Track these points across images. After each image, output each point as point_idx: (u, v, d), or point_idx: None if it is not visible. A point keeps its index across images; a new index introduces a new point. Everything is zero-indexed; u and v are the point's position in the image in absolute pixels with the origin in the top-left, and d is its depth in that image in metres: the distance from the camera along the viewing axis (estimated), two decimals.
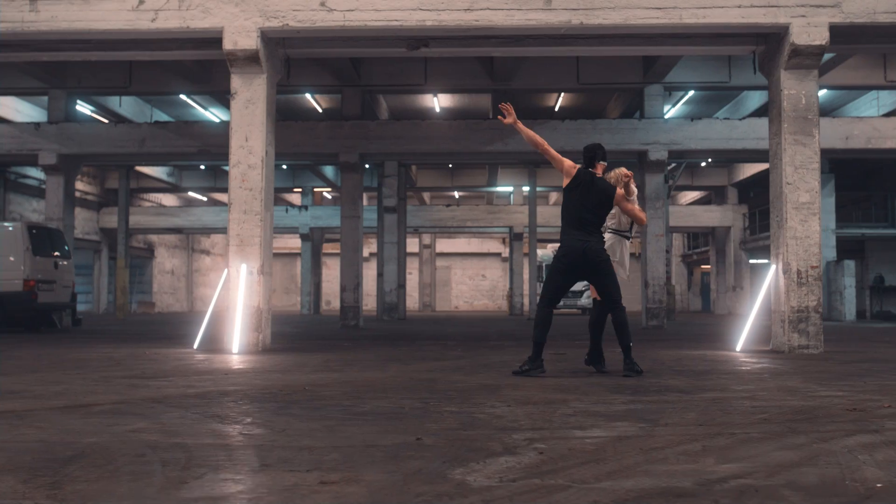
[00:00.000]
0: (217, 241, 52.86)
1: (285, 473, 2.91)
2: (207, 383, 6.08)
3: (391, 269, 26.83)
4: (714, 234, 37.12)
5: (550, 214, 36.49)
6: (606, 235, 7.23)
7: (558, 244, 6.95)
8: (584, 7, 9.42)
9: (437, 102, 23.04)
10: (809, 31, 9.35)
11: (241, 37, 9.60)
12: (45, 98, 20.94)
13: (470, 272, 53.95)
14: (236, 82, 9.91)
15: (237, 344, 9.44)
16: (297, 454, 3.28)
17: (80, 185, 33.96)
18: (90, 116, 22.70)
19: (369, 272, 42.01)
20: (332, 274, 48.11)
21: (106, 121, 22.34)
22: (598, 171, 6.86)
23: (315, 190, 38.20)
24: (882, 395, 5.35)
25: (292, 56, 10.71)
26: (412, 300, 51.04)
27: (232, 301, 9.65)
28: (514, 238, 36.04)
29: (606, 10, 9.42)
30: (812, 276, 9.52)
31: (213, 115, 23.73)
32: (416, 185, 34.90)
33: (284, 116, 24.94)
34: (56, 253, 16.62)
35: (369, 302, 44.12)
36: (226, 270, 9.89)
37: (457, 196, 45.93)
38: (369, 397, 5.23)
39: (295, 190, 37.53)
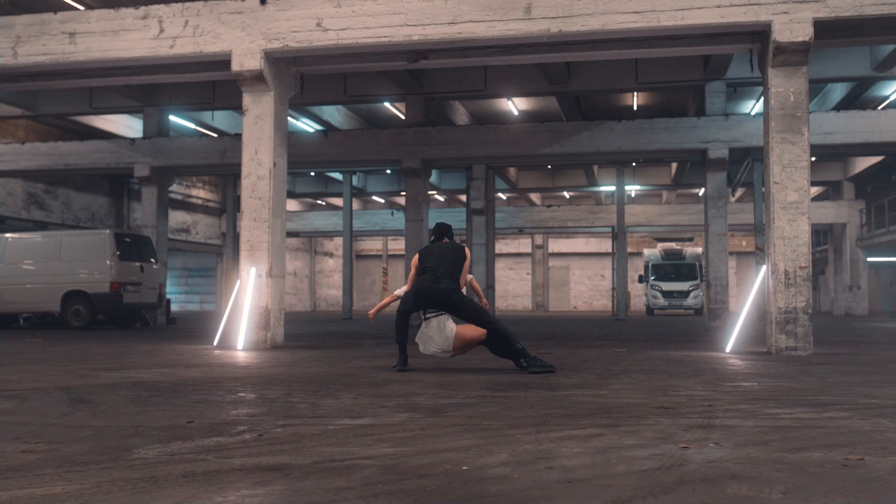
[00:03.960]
0: (340, 244, 55.06)
1: (15, 444, 3.54)
2: (154, 375, 6.85)
3: (479, 269, 27.25)
4: (831, 232, 35.39)
5: (653, 213, 35.91)
6: None
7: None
8: (563, 15, 9.65)
9: (514, 106, 23.37)
10: (792, 28, 9.18)
11: (246, 58, 10.43)
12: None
13: (589, 272, 53.63)
14: (246, 100, 10.75)
15: (242, 341, 10.26)
16: (59, 430, 3.91)
17: (202, 193, 36.43)
18: (193, 130, 24.48)
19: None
20: None
21: (214, 134, 24.05)
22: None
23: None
24: (740, 394, 5.43)
25: (305, 73, 11.44)
26: (525, 301, 51.33)
27: (241, 302, 10.49)
28: (616, 237, 35.66)
29: (584, 17, 9.60)
30: (800, 277, 9.34)
31: (305, 125, 25.01)
32: (517, 186, 35.29)
33: (372, 125, 25.97)
34: (150, 258, 18.24)
35: None
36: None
37: (567, 196, 45.83)
38: (254, 388, 5.81)
39: (402, 193, 38.65)
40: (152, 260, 18.43)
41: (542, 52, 10.64)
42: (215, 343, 11.00)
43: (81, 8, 14.83)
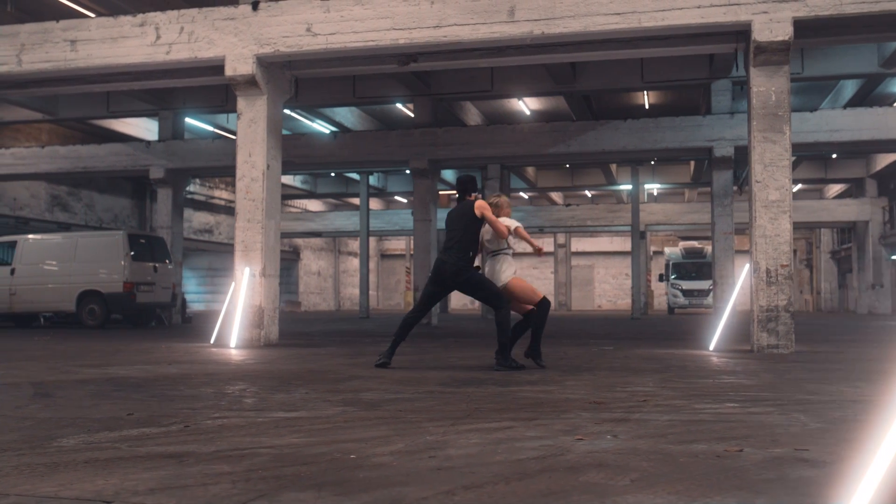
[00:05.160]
0: None
1: None
2: (132, 371, 7.11)
3: None
4: (854, 230, 35.00)
5: (673, 212, 35.75)
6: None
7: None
8: (545, 17, 9.77)
9: (526, 106, 23.47)
10: (772, 27, 9.22)
11: (239, 63, 10.69)
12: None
13: (613, 271, 53.54)
14: (241, 104, 11.01)
15: (235, 339, 10.52)
16: (2, 420, 4.15)
17: (224, 194, 36.95)
18: (211, 132, 24.89)
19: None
20: None
21: (233, 136, 24.44)
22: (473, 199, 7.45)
23: (440, 193, 39.38)
24: (684, 390, 5.53)
25: (300, 77, 11.68)
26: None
27: (234, 300, 10.75)
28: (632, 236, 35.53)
29: (567, 19, 9.72)
30: (782, 276, 9.38)
31: (320, 126, 25.32)
32: (536, 185, 35.36)
33: (387, 126, 26.21)
34: (164, 259, 18.63)
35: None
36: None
37: (589, 195, 45.78)
38: (217, 384, 6.04)
39: None
40: (167, 261, 18.82)
41: (528, 54, 10.77)
42: (212, 341, 11.28)
43: (92, 15, 15.22)
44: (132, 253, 17.49)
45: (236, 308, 10.69)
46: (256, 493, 2.61)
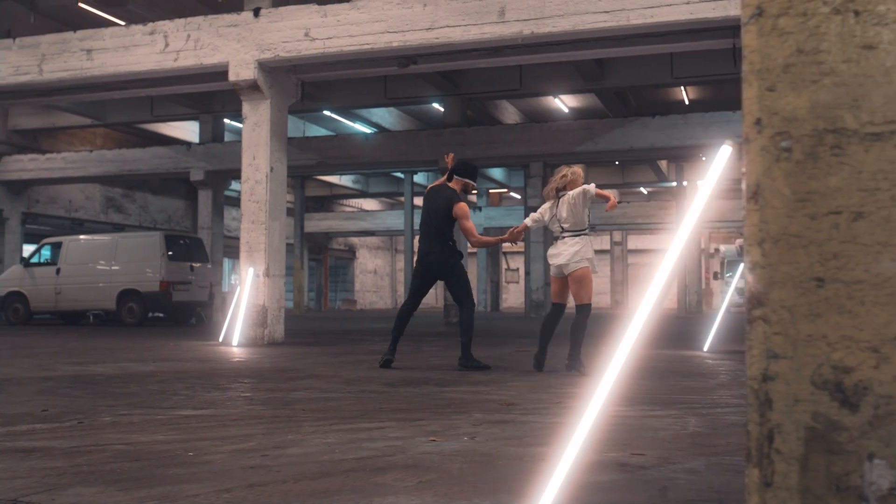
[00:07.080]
0: None
1: None
2: (110, 368, 7.42)
3: (537, 268, 27.32)
4: None
5: (726, 208, 34.99)
6: (568, 240, 7.39)
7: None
8: (535, 17, 9.77)
9: (563, 103, 23.35)
10: None
11: (241, 69, 10.98)
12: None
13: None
14: (245, 108, 11.30)
15: (237, 338, 10.82)
16: None
17: None
18: None
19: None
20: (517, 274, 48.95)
21: None
22: (456, 186, 7.44)
23: (490, 192, 39.46)
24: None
25: (306, 80, 11.92)
26: (603, 299, 50.74)
27: (239, 300, 11.05)
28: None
29: (556, 19, 9.70)
30: None
31: (361, 127, 25.66)
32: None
33: (425, 125, 26.40)
34: (199, 258, 19.18)
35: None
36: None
37: (645, 192, 45.17)
38: (171, 382, 6.27)
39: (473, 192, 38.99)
40: (205, 261, 19.36)
41: (525, 54, 10.79)
42: (220, 339, 11.60)
43: (121, 22, 15.79)
44: (170, 253, 18.06)
45: (240, 307, 10.99)
46: (48, 486, 2.77)
